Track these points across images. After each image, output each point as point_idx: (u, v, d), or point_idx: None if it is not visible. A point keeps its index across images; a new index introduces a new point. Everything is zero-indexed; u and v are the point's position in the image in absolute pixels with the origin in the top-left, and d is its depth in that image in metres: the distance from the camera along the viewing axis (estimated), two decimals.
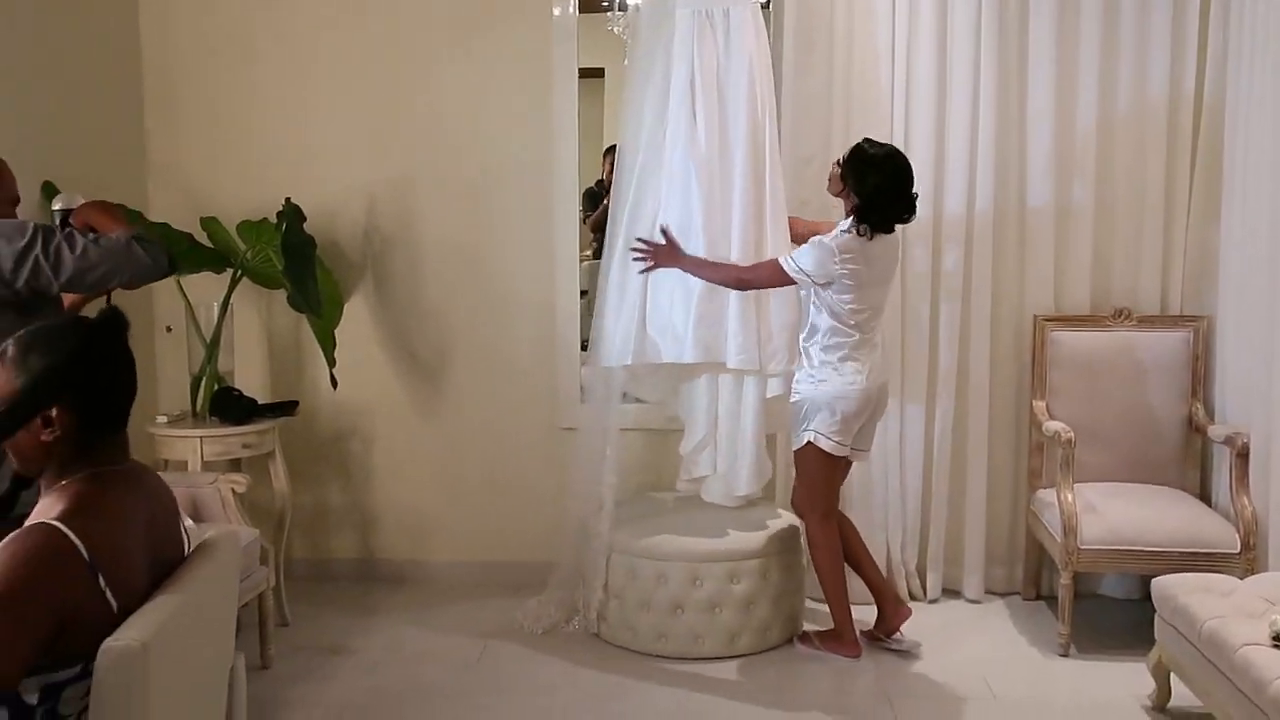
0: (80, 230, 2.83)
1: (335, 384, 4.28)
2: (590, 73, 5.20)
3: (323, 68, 4.50)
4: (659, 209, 3.93)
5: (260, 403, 4.21)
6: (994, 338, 4.32)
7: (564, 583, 4.14)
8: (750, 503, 4.13)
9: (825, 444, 3.68)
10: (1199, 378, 4.16)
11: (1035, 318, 4.27)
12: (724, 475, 4.06)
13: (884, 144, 3.71)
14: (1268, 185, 3.71)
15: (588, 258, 5.84)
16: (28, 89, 3.80)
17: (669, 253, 3.74)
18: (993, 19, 4.19)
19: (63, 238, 2.75)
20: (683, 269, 3.77)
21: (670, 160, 3.90)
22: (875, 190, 3.58)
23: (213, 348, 4.13)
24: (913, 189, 3.64)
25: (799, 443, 3.75)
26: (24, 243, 2.70)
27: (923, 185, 4.06)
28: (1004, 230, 4.30)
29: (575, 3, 4.44)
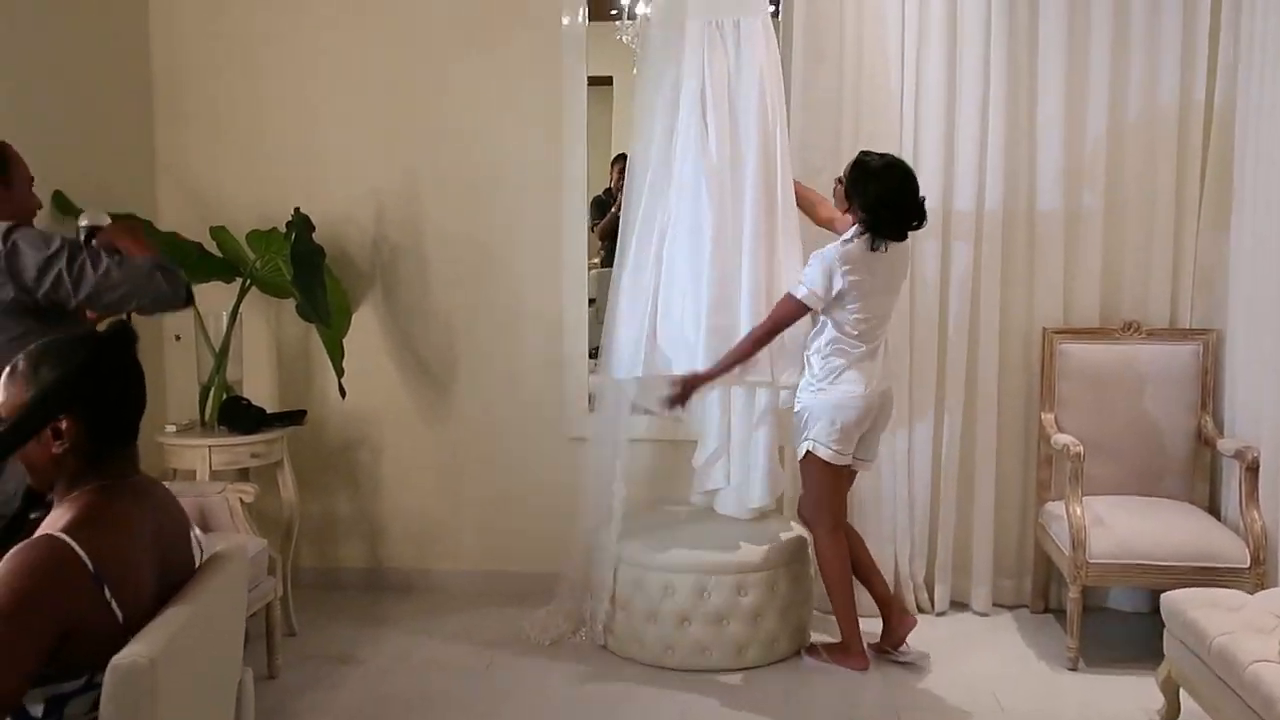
0: (106, 249, 2.84)
1: (344, 393, 4.28)
2: (599, 81, 5.21)
3: (332, 77, 4.51)
4: (670, 219, 3.93)
5: (269, 412, 4.22)
6: (1003, 349, 4.31)
7: (571, 593, 4.14)
8: (763, 515, 4.12)
9: (824, 453, 3.67)
10: (1208, 391, 4.15)
11: (1044, 330, 4.26)
12: (737, 487, 4.05)
13: (883, 154, 3.69)
14: (1278, 197, 3.70)
15: (595, 265, 5.85)
16: (38, 99, 3.81)
17: (693, 382, 3.73)
18: (1002, 28, 4.18)
19: (88, 254, 2.77)
20: (716, 379, 3.75)
21: (681, 171, 3.90)
22: (879, 200, 3.57)
23: (221, 357, 4.14)
24: (918, 194, 3.62)
25: (800, 452, 3.75)
26: (49, 253, 2.72)
27: (932, 194, 4.08)
28: (1013, 241, 4.30)
29: (584, 12, 4.45)
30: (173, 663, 1.83)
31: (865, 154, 3.68)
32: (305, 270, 4.06)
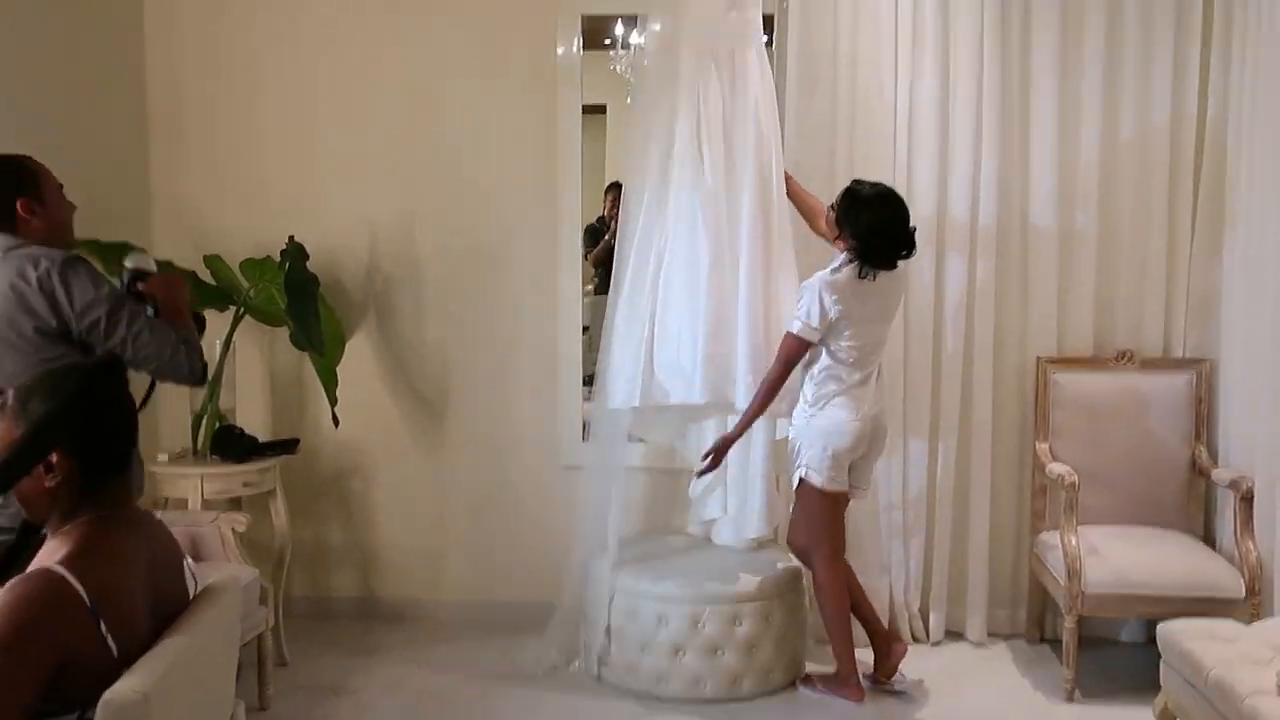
0: (148, 297, 2.87)
1: (337, 422, 4.27)
2: (593, 109, 5.22)
3: (328, 106, 4.52)
4: (665, 248, 3.93)
5: (261, 441, 4.20)
6: (997, 378, 4.32)
7: (565, 624, 4.11)
8: (760, 545, 4.11)
9: (818, 480, 3.66)
10: (1202, 421, 4.15)
11: (1038, 359, 4.27)
12: (734, 517, 4.04)
13: (875, 183, 3.70)
14: (1272, 227, 3.71)
15: (589, 293, 5.85)
16: (33, 124, 3.79)
17: (725, 445, 3.76)
18: (994, 55, 4.22)
19: (128, 310, 2.79)
20: (745, 429, 3.75)
21: (676, 200, 3.90)
22: (870, 230, 3.58)
23: (214, 385, 4.12)
24: (909, 224, 3.63)
25: (794, 480, 3.74)
26: (94, 297, 2.75)
27: (925, 221, 4.10)
28: (1006, 269, 4.31)
29: (578, 41, 4.47)
30: (166, 697, 1.81)
31: (857, 183, 3.70)
32: (299, 299, 4.05)
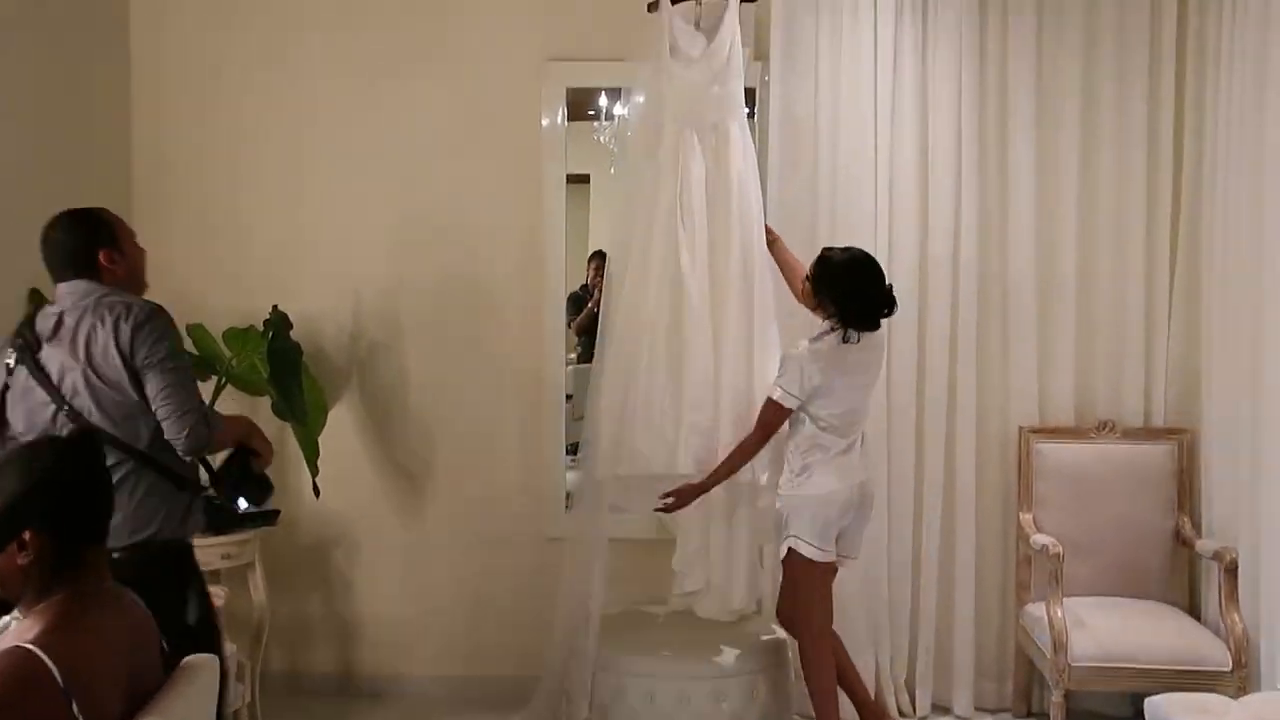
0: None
1: (318, 492, 4.23)
2: (577, 179, 5.26)
3: (313, 174, 4.54)
4: (649, 318, 3.93)
5: (241, 512, 4.15)
6: (980, 448, 4.32)
7: (548, 699, 4.03)
8: (744, 617, 4.06)
9: (805, 549, 3.61)
10: (1185, 491, 4.16)
11: (1020, 428, 4.28)
12: (717, 589, 4.00)
13: (845, 247, 3.71)
14: (1249, 298, 3.75)
15: (572, 361, 5.85)
16: (14, 192, 3.79)
17: (690, 492, 3.72)
18: (972, 130, 4.29)
19: (182, 369, 2.87)
20: (712, 487, 3.72)
21: (659, 269, 3.91)
22: (848, 294, 3.58)
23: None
24: (885, 283, 3.63)
25: (781, 551, 3.69)
26: (165, 344, 2.83)
27: (906, 294, 4.12)
28: (987, 339, 4.34)
29: (563, 112, 4.52)
30: None
31: (827, 250, 3.71)
32: (282, 368, 4.04)
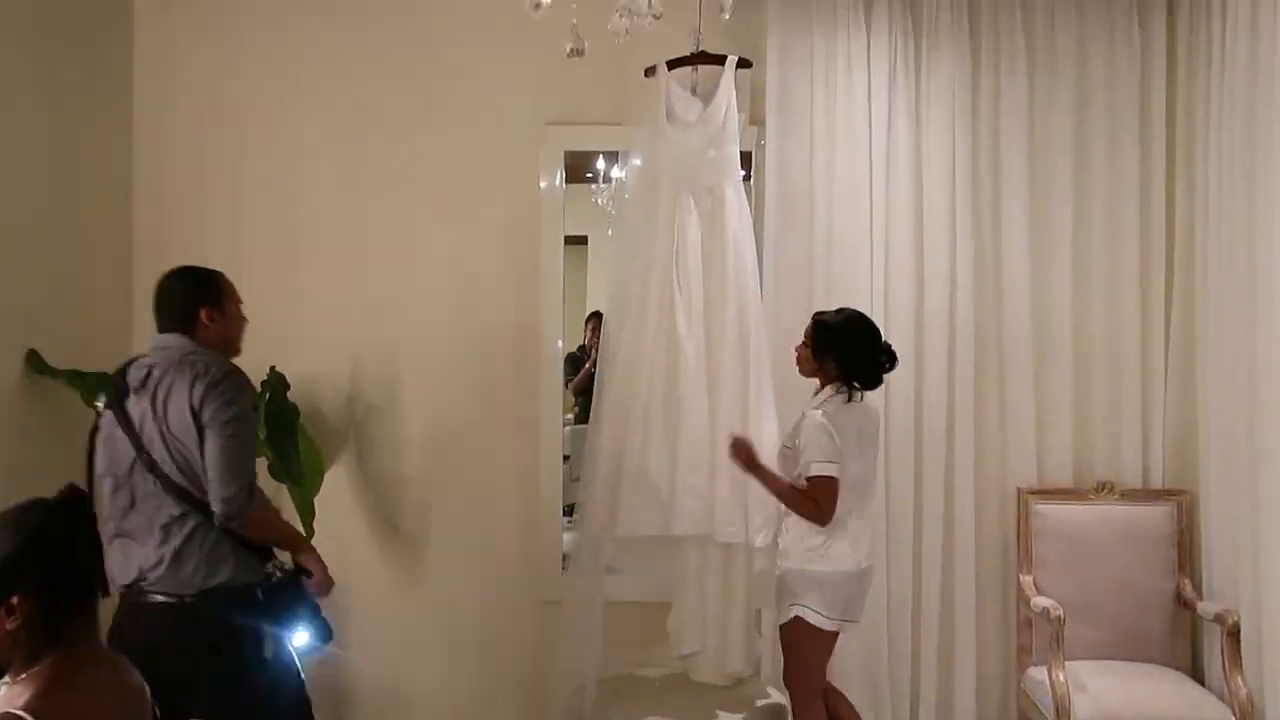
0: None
1: None
2: (575, 240, 5.30)
3: (311, 236, 4.56)
4: (644, 378, 3.94)
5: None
6: (978, 509, 4.31)
7: None
8: (740, 681, 4.02)
9: (814, 619, 3.53)
10: (1185, 553, 4.14)
11: (1019, 490, 4.27)
12: (714, 652, 3.96)
13: (838, 309, 3.72)
14: (1243, 358, 3.76)
15: (570, 422, 5.84)
16: (14, 255, 3.81)
17: (748, 457, 3.62)
18: (966, 191, 4.33)
19: (245, 431, 2.99)
20: (757, 477, 3.63)
21: (655, 333, 3.93)
22: (851, 349, 3.58)
23: None
24: (882, 337, 3.65)
25: (785, 617, 3.62)
26: (234, 405, 3.00)
27: (903, 354, 4.10)
28: (984, 399, 4.35)
29: (561, 175, 4.56)
30: None
31: (820, 314, 3.70)
32: (279, 430, 4.03)
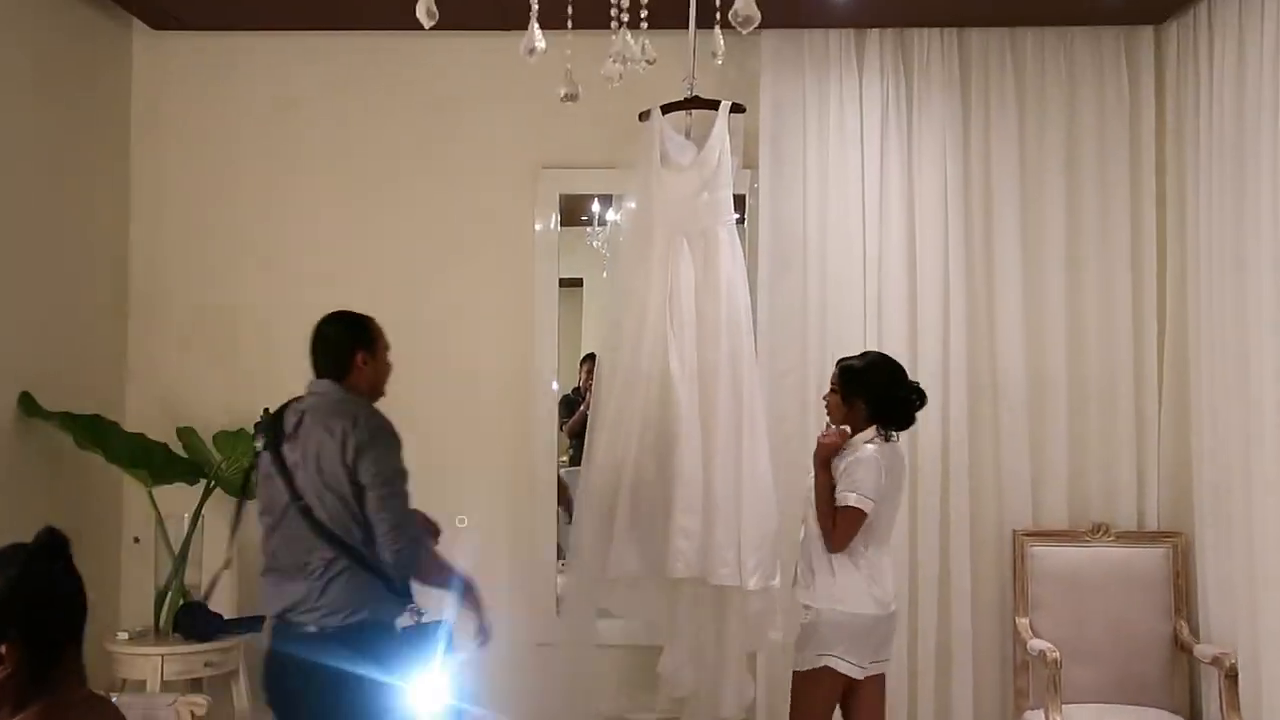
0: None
1: None
2: (570, 282, 5.32)
3: (305, 278, 4.55)
4: (637, 420, 3.94)
5: (226, 618, 4.10)
6: (974, 551, 4.29)
7: None
8: None
9: (846, 668, 3.41)
10: (1182, 595, 4.12)
11: (1014, 532, 4.26)
12: (706, 695, 3.92)
13: (861, 353, 3.73)
14: (1236, 399, 3.76)
15: (564, 464, 5.82)
16: (8, 298, 3.81)
17: (827, 452, 3.52)
18: (959, 233, 4.36)
19: (400, 487, 3.16)
20: (817, 479, 3.52)
21: (649, 374, 3.93)
22: (880, 394, 3.53)
23: (180, 561, 4.04)
24: (908, 377, 3.62)
25: (808, 665, 3.46)
26: (388, 460, 3.16)
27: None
28: (979, 440, 4.35)
29: (556, 218, 4.59)
30: None
31: (845, 360, 3.66)
32: None
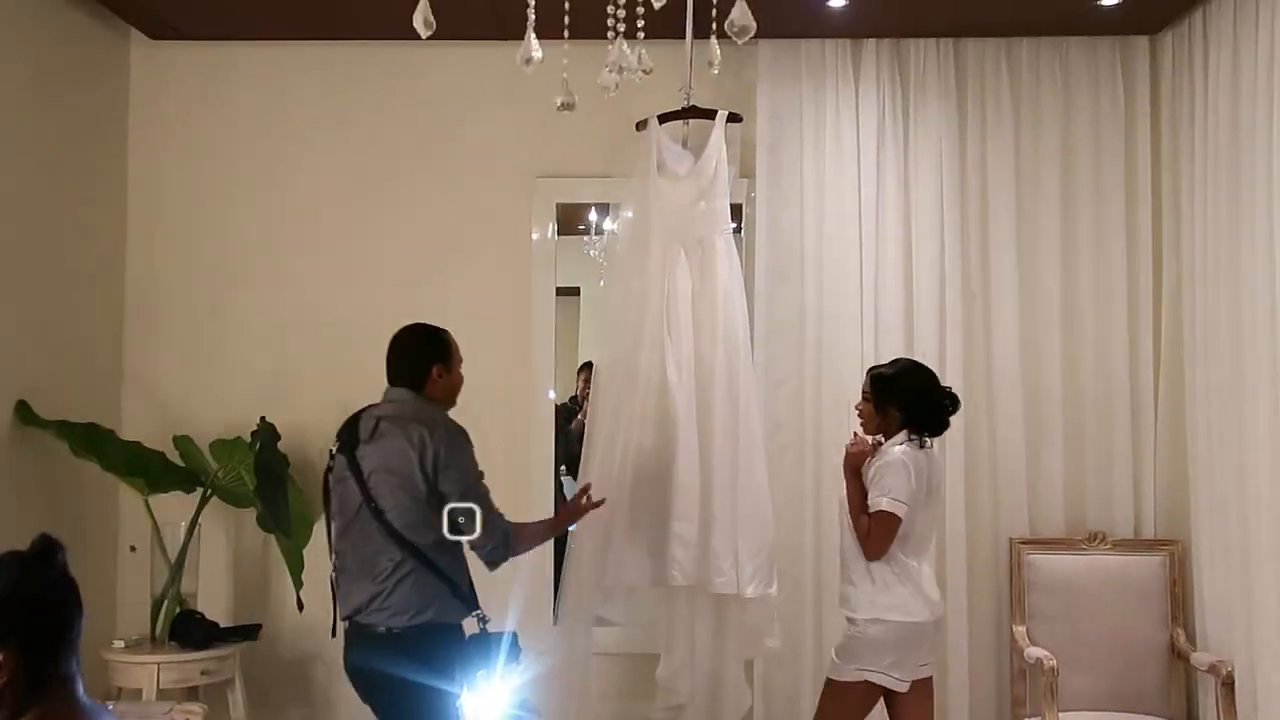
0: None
1: (301, 606, 4.16)
2: (567, 291, 5.32)
3: (302, 287, 4.58)
4: (635, 430, 3.94)
5: (222, 626, 4.09)
6: (971, 559, 4.29)
7: None
8: None
9: (883, 680, 3.37)
10: (1178, 603, 4.12)
11: (1011, 540, 4.26)
12: (703, 703, 3.92)
13: (892, 361, 3.70)
14: (1232, 408, 3.77)
15: (562, 472, 5.82)
16: (6, 304, 3.81)
17: (856, 460, 3.51)
18: (955, 242, 4.37)
19: (479, 490, 3.23)
20: (848, 489, 3.50)
21: (646, 385, 3.93)
22: (914, 396, 3.49)
23: (177, 569, 4.04)
24: (940, 382, 3.58)
25: (846, 676, 3.41)
26: (464, 467, 3.22)
27: None
28: (975, 449, 4.35)
29: (553, 228, 4.60)
30: None
31: (875, 368, 3.64)
32: (268, 480, 4.02)
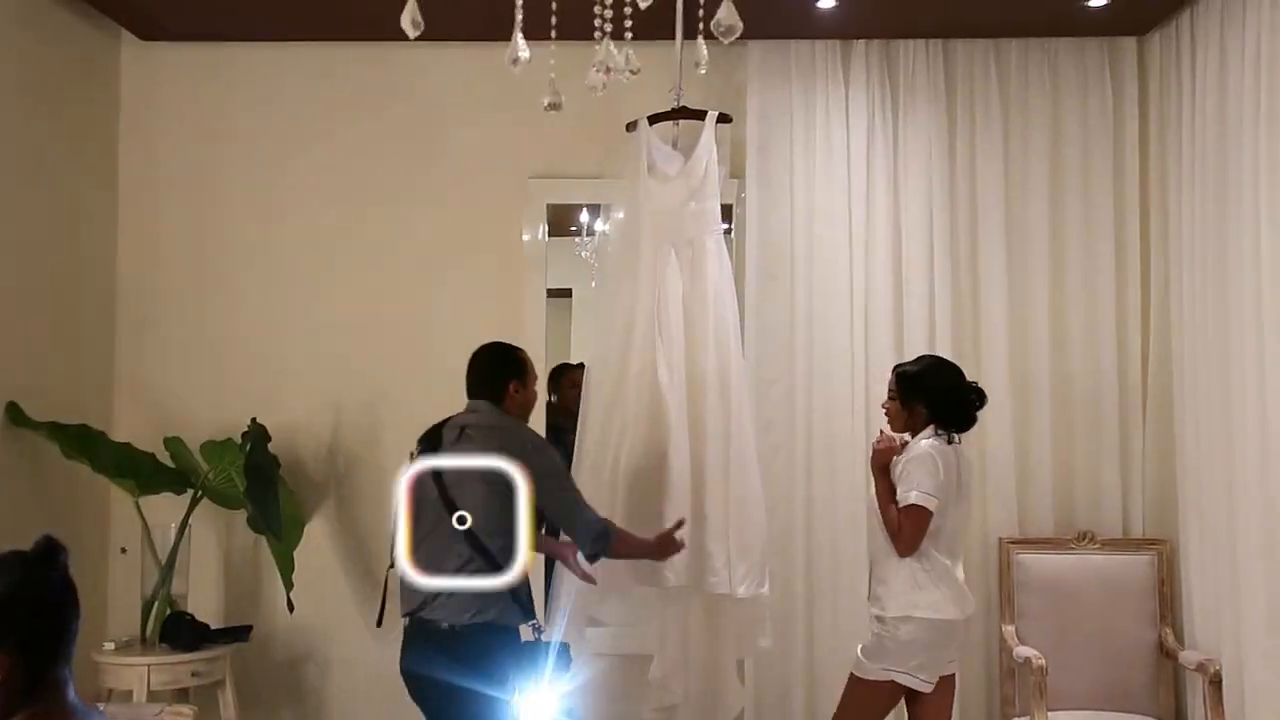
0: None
1: (291, 607, 4.15)
2: (558, 293, 5.32)
3: (294, 288, 4.58)
4: (630, 431, 3.94)
5: (213, 627, 4.09)
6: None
7: None
8: None
9: (909, 681, 3.37)
10: (1167, 602, 4.14)
11: (1000, 540, 4.28)
12: (696, 703, 3.92)
13: (916, 358, 3.71)
14: (1219, 407, 3.79)
15: None
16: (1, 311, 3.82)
17: (883, 458, 3.49)
18: (944, 242, 4.39)
19: (569, 484, 3.27)
20: (876, 486, 3.50)
21: (638, 384, 3.93)
22: (939, 396, 3.48)
23: (167, 571, 4.04)
24: (966, 378, 3.56)
25: (871, 675, 3.41)
26: (555, 469, 3.21)
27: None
28: (965, 450, 4.32)
29: (544, 229, 4.60)
30: None
31: (900, 365, 3.65)
32: (259, 482, 4.02)
